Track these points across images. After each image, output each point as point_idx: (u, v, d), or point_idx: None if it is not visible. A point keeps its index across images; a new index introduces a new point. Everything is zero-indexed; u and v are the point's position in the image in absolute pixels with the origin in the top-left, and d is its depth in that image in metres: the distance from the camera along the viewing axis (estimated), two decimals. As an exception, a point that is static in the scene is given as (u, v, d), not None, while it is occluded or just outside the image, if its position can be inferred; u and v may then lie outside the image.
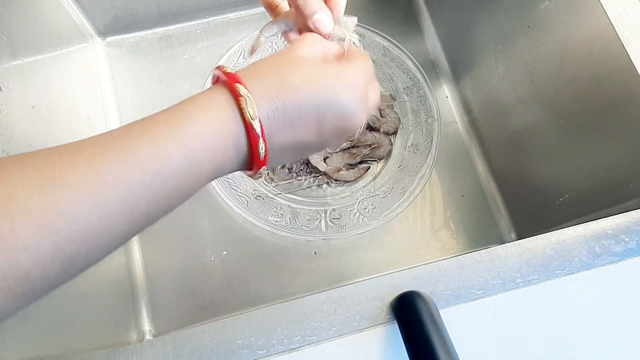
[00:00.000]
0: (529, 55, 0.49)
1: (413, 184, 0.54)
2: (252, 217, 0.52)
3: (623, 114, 0.39)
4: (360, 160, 0.52)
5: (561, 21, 0.44)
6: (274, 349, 0.30)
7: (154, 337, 0.51)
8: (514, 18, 0.50)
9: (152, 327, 0.52)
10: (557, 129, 0.47)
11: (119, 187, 0.21)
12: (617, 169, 0.41)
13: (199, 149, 0.24)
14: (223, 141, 0.25)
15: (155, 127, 0.24)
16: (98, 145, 0.22)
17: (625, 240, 0.33)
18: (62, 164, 0.21)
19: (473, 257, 0.32)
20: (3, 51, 0.41)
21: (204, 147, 0.24)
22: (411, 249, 0.56)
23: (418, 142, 0.57)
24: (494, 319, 0.31)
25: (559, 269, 0.32)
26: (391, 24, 0.66)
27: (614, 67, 0.39)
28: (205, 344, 0.29)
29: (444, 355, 0.26)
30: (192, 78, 0.62)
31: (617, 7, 0.38)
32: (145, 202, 0.23)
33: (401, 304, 0.30)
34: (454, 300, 0.31)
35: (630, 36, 0.38)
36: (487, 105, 0.58)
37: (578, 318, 0.31)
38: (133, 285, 0.53)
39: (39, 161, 0.21)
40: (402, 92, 0.60)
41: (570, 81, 0.44)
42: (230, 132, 0.25)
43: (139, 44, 0.63)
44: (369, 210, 0.55)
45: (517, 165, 0.56)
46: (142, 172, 0.22)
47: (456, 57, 0.63)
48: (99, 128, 0.58)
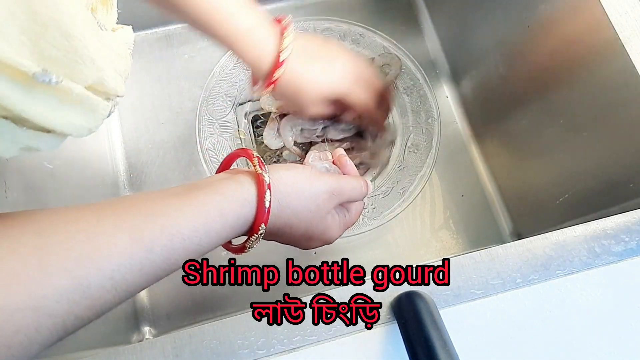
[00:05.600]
0: (529, 55, 0.49)
1: (413, 184, 0.54)
2: (252, 217, 0.52)
3: (623, 114, 0.39)
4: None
5: (561, 21, 0.44)
6: (274, 349, 0.30)
7: (154, 337, 0.51)
8: (514, 18, 0.50)
9: (152, 327, 0.52)
10: (557, 129, 0.47)
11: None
12: (617, 169, 0.41)
13: (227, 209, 0.28)
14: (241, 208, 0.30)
15: (192, 193, 0.28)
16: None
17: (625, 240, 0.33)
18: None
19: (473, 257, 0.32)
20: (3, 51, 0.41)
21: (230, 208, 0.29)
22: (411, 249, 0.56)
23: (418, 142, 0.57)
24: (494, 319, 0.31)
25: (559, 269, 0.32)
26: (391, 24, 0.66)
27: (614, 67, 0.39)
28: (205, 344, 0.29)
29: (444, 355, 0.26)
30: (192, 78, 0.62)
31: (617, 7, 0.38)
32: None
33: (401, 304, 0.30)
34: (454, 300, 0.31)
35: (630, 36, 0.38)
36: (487, 105, 0.58)
37: (578, 318, 0.31)
38: (133, 285, 0.53)
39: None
40: (402, 92, 0.60)
41: (570, 81, 0.44)
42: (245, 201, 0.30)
43: (139, 44, 0.63)
44: (369, 210, 0.55)
45: (516, 165, 0.56)
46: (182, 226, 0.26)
47: (456, 57, 0.63)
48: (99, 128, 0.58)
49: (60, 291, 0.20)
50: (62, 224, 0.22)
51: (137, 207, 0.25)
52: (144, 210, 0.25)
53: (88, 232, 0.22)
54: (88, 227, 0.23)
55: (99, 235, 0.23)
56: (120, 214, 0.24)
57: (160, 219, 0.25)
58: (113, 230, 0.23)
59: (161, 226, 0.25)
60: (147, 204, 0.25)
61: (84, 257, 0.21)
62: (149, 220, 0.24)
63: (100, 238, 0.22)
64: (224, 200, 0.28)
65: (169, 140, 0.60)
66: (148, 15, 0.62)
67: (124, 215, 0.24)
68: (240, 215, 0.29)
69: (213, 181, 0.30)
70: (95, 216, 0.23)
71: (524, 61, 0.50)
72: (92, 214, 0.23)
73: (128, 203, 0.25)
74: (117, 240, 0.23)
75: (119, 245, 0.23)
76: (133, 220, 0.24)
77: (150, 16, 0.62)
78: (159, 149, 0.60)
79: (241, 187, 0.30)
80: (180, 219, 0.26)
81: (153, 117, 0.61)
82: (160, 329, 0.52)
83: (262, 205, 0.30)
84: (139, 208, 0.25)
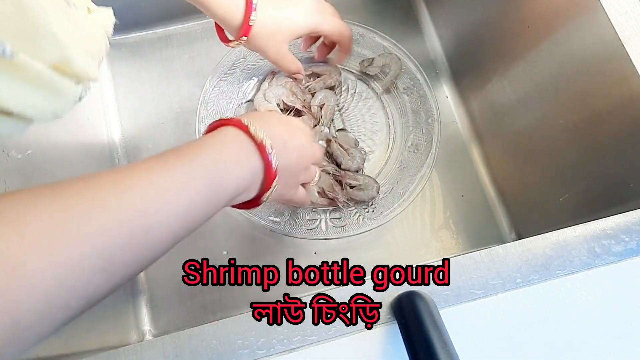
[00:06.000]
0: (529, 55, 0.49)
1: (413, 184, 0.54)
2: (252, 217, 0.52)
3: (623, 114, 0.39)
4: (347, 201, 0.54)
5: (561, 21, 0.44)
6: (274, 349, 0.30)
7: (154, 337, 0.51)
8: (514, 18, 0.50)
9: (152, 327, 0.52)
10: (557, 129, 0.47)
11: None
12: (617, 169, 0.41)
13: (218, 169, 0.29)
14: (238, 158, 0.31)
15: (169, 157, 0.27)
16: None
17: (625, 240, 0.33)
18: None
19: (473, 257, 0.32)
20: (3, 51, 0.41)
21: (223, 168, 0.29)
22: (411, 249, 0.56)
23: (418, 142, 0.57)
24: (494, 319, 0.31)
25: (559, 269, 0.32)
26: (391, 24, 0.66)
27: (614, 67, 0.39)
28: (205, 344, 0.29)
29: (444, 355, 0.26)
30: (192, 78, 0.62)
31: (617, 7, 0.38)
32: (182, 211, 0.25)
33: (401, 304, 0.30)
34: (454, 300, 0.31)
35: (630, 36, 0.38)
36: (487, 105, 0.58)
37: (578, 318, 0.31)
38: (133, 285, 0.53)
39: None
40: (402, 92, 0.60)
41: (570, 81, 0.44)
42: (243, 153, 0.31)
43: (139, 44, 0.63)
44: (369, 210, 0.55)
45: (517, 165, 0.56)
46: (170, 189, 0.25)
47: (456, 57, 0.63)
48: (99, 128, 0.58)
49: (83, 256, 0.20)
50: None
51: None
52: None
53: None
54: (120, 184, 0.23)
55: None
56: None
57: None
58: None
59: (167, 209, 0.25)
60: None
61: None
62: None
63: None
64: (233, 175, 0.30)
65: (169, 140, 0.60)
66: (148, 15, 0.62)
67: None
68: (252, 185, 0.32)
69: (217, 162, 0.30)
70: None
71: (523, 61, 0.50)
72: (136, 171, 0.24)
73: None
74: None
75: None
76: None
77: (150, 16, 0.62)
78: (158, 149, 0.60)
79: (249, 164, 0.32)
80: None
81: (153, 117, 0.61)
82: (160, 329, 0.52)
83: (270, 168, 0.32)
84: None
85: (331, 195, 0.53)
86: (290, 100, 0.57)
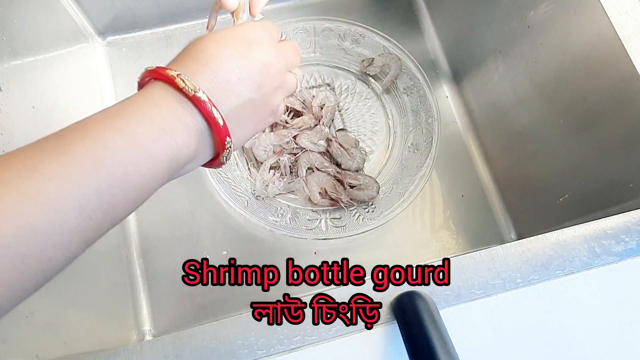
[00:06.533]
0: (529, 55, 0.49)
1: (413, 184, 0.54)
2: (252, 217, 0.52)
3: (623, 113, 0.39)
4: (350, 201, 0.54)
5: (561, 21, 0.44)
6: (274, 349, 0.30)
7: (154, 337, 0.51)
8: (514, 18, 0.50)
9: (152, 327, 0.52)
10: (557, 129, 0.47)
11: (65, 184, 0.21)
12: (617, 169, 0.41)
13: (141, 135, 0.23)
14: (166, 124, 0.24)
15: (88, 125, 0.24)
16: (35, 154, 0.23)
17: (625, 240, 0.33)
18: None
19: (473, 257, 0.32)
20: (3, 51, 0.41)
21: (147, 133, 0.23)
22: (411, 249, 0.56)
23: (418, 142, 0.57)
24: (494, 319, 0.31)
25: (559, 269, 0.32)
26: (391, 24, 0.66)
27: (614, 67, 0.39)
28: (205, 344, 0.29)
29: (444, 355, 0.26)
30: (192, 78, 0.62)
31: (617, 7, 0.39)
32: (94, 192, 0.22)
33: (401, 304, 0.30)
34: (454, 300, 0.31)
35: (630, 36, 0.38)
36: (487, 105, 0.58)
37: (578, 318, 0.31)
38: (133, 285, 0.53)
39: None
40: (402, 92, 0.60)
41: (570, 81, 0.44)
42: (173, 115, 0.25)
43: (139, 44, 0.63)
44: (369, 210, 0.55)
45: (517, 165, 0.56)
46: (82, 164, 0.22)
47: (456, 57, 0.63)
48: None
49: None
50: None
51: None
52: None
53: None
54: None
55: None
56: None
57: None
58: None
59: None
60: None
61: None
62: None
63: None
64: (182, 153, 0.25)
65: (169, 140, 0.60)
66: (148, 15, 0.62)
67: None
68: (201, 148, 0.26)
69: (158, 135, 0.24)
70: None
71: (524, 61, 0.50)
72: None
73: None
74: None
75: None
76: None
77: (150, 16, 0.62)
78: (159, 149, 0.59)
79: (185, 127, 0.25)
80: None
81: (153, 117, 0.60)
82: (160, 329, 0.52)
83: (215, 124, 0.26)
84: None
85: (334, 196, 0.53)
86: (290, 101, 0.57)
